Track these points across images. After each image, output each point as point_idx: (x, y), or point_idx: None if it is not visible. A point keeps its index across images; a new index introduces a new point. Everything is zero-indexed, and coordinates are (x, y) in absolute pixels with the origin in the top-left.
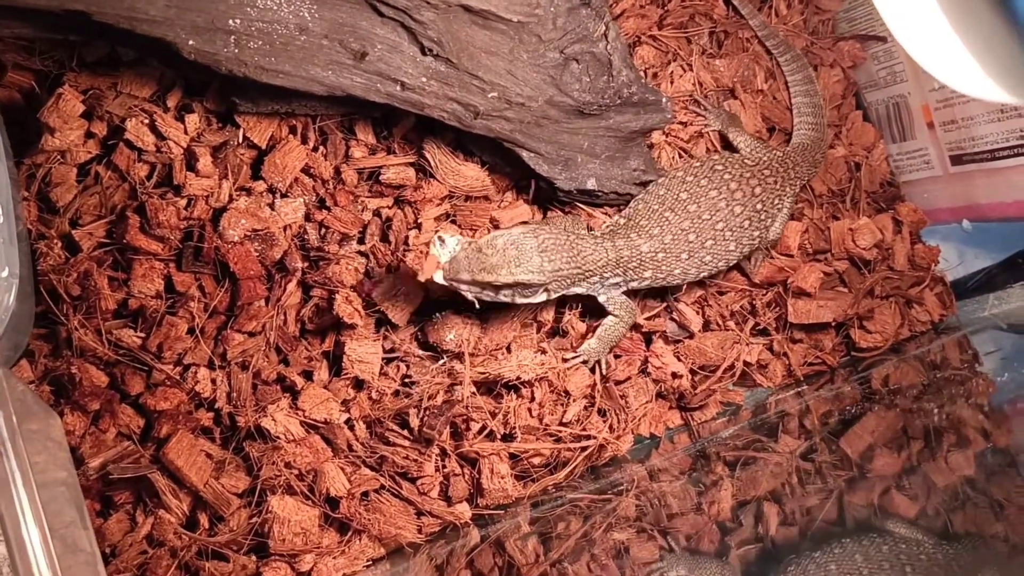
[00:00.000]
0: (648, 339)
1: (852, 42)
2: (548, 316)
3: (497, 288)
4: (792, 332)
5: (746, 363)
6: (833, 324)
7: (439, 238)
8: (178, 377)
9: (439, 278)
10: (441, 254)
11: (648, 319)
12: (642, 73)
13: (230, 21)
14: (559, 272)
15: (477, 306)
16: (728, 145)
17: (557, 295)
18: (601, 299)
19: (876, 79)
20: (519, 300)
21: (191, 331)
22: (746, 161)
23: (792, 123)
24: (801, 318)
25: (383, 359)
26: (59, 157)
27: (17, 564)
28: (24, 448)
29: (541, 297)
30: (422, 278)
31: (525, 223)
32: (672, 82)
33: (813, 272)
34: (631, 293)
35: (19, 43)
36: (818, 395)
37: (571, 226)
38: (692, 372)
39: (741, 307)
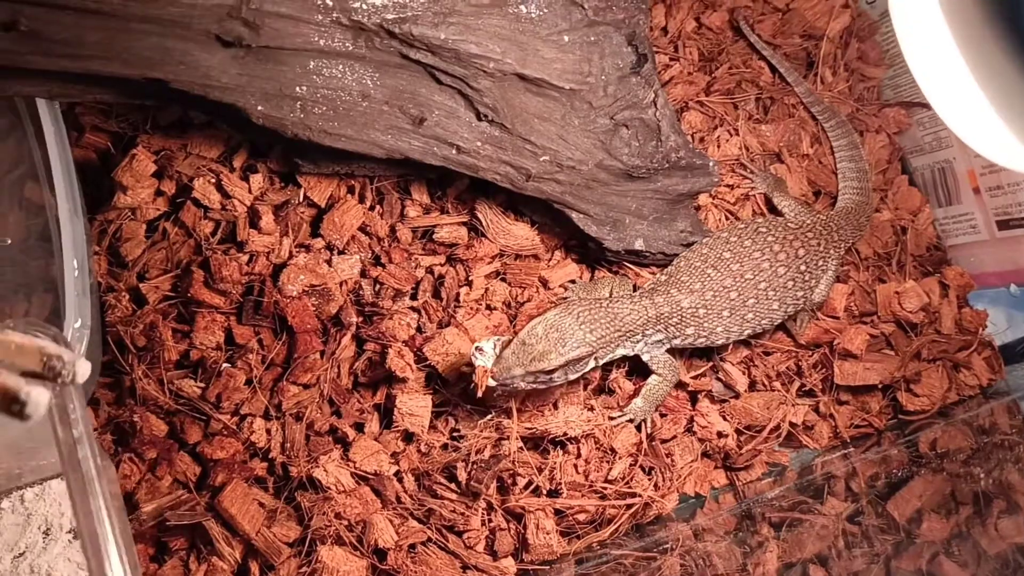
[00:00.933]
0: (694, 398)
1: (897, 108)
2: (595, 374)
3: (550, 372)
4: (838, 394)
5: (792, 424)
6: (880, 386)
7: (477, 349)
8: (235, 427)
9: (493, 383)
10: (486, 361)
11: (694, 378)
12: (689, 138)
13: (297, 88)
14: (603, 339)
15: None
16: (774, 209)
17: (605, 360)
18: (645, 358)
19: (921, 144)
20: (571, 376)
21: (249, 382)
22: (789, 224)
23: (838, 187)
24: (847, 380)
25: (433, 412)
26: (130, 214)
27: None
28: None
29: (591, 365)
30: (480, 393)
31: (568, 286)
32: (719, 146)
33: (860, 334)
34: (676, 352)
35: (98, 107)
36: (864, 457)
37: (616, 287)
38: (738, 432)
39: (787, 368)
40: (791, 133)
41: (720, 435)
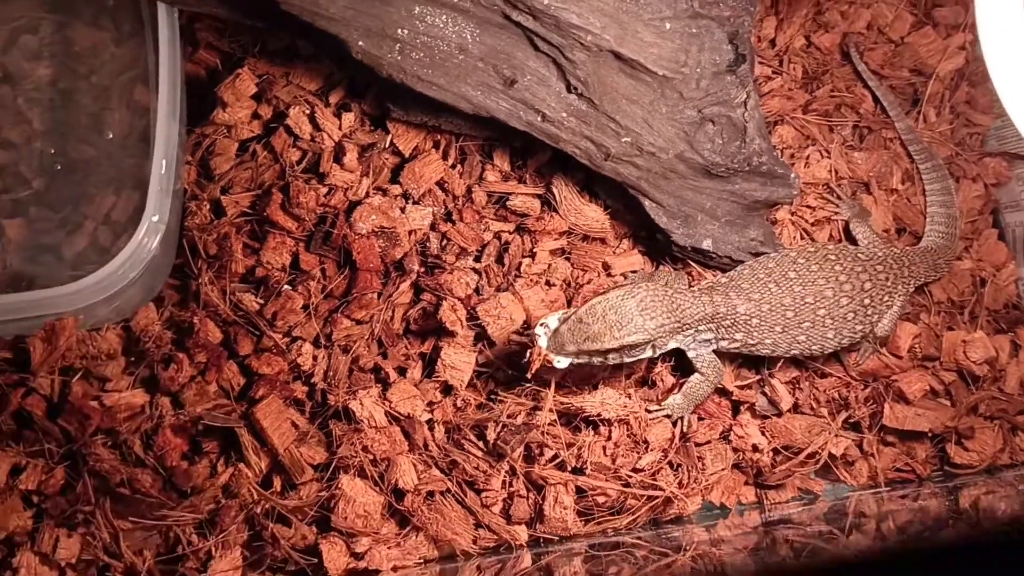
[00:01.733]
0: (736, 408)
1: (999, 159)
2: (640, 366)
3: (604, 354)
4: (884, 434)
5: (831, 455)
6: (929, 434)
7: (542, 325)
8: (284, 347)
9: (554, 360)
10: (545, 339)
11: (739, 388)
12: (779, 152)
13: (399, 30)
14: (662, 327)
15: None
16: (851, 236)
17: (661, 352)
18: (690, 355)
19: (1018, 200)
20: (628, 360)
21: (305, 307)
22: (859, 255)
23: (924, 228)
24: (896, 424)
25: (475, 371)
26: (225, 131)
27: None
28: None
29: (648, 353)
30: (530, 373)
31: (628, 275)
32: (807, 164)
33: (919, 382)
34: (724, 358)
35: (214, 24)
36: (902, 503)
37: (672, 280)
38: (774, 451)
39: (837, 395)
40: (883, 165)
41: (755, 448)
